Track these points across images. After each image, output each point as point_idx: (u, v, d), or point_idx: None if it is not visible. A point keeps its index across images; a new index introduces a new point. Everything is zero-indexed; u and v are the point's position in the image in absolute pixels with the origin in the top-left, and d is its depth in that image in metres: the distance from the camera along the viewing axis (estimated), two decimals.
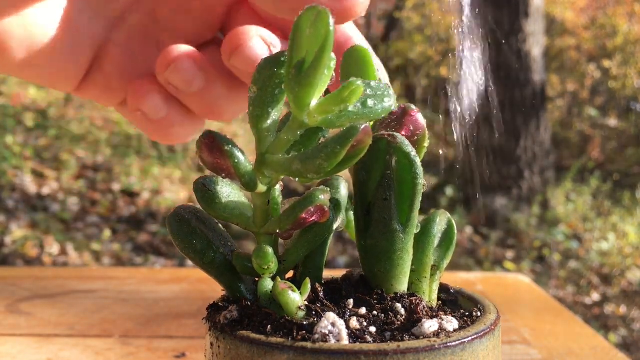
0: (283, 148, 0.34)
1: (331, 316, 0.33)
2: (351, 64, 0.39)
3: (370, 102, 0.33)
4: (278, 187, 0.37)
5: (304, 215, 0.34)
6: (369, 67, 0.38)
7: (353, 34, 0.44)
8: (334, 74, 0.33)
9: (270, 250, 0.35)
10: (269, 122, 0.35)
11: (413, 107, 0.38)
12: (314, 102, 0.32)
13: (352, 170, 0.37)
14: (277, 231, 0.36)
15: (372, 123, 0.39)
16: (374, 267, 0.37)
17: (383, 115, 0.34)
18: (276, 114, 0.35)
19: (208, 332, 0.36)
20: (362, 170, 0.36)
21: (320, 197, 0.34)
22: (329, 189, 0.35)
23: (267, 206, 0.36)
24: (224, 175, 0.35)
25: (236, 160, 0.34)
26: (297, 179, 0.34)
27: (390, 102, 0.34)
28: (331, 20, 0.30)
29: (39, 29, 0.39)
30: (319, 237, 0.37)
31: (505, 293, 0.89)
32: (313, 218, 0.35)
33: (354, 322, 0.34)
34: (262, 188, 0.35)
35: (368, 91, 0.34)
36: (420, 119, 0.38)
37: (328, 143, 0.31)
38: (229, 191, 0.36)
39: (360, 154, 0.32)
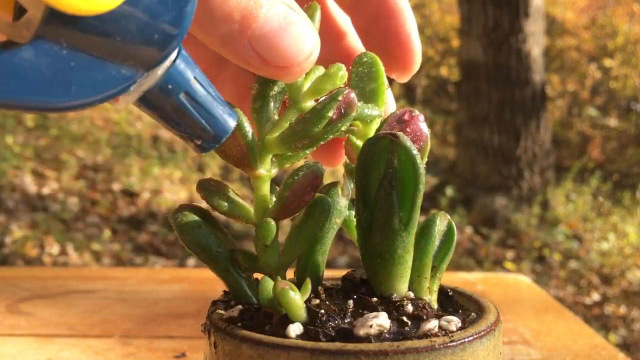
0: (280, 130, 0.36)
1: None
2: (361, 70, 0.39)
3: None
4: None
5: (301, 181, 0.35)
6: (379, 74, 0.39)
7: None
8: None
9: (272, 222, 0.35)
10: (268, 113, 0.36)
11: (417, 112, 0.39)
12: (307, 85, 0.36)
13: (355, 168, 0.38)
14: (276, 208, 0.36)
15: (376, 126, 0.40)
16: (375, 266, 0.37)
17: (368, 120, 0.39)
18: (275, 109, 0.37)
19: (208, 332, 0.36)
20: (364, 169, 0.36)
21: (312, 164, 0.36)
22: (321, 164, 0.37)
23: (267, 195, 0.37)
24: (224, 153, 0.36)
25: (244, 131, 0.35)
26: (295, 157, 0.37)
27: (378, 112, 0.39)
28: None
29: None
30: (318, 227, 0.37)
31: (505, 293, 0.89)
32: (310, 186, 0.36)
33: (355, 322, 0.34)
34: (262, 172, 0.36)
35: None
36: (424, 127, 0.38)
37: (316, 106, 0.34)
38: (231, 191, 0.37)
39: (349, 117, 0.34)
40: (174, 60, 0.28)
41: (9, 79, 0.23)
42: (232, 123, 0.31)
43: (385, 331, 0.33)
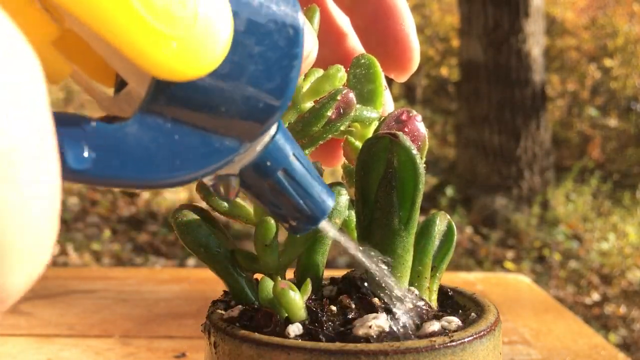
0: None
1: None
2: (359, 71, 0.39)
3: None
4: None
5: None
6: (377, 75, 0.39)
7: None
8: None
9: (272, 221, 0.35)
10: None
11: (415, 112, 0.39)
12: (306, 86, 0.36)
13: (355, 168, 0.38)
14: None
15: (374, 127, 0.40)
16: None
17: (367, 122, 0.39)
18: None
19: (208, 332, 0.36)
20: (364, 169, 0.37)
21: (311, 163, 0.36)
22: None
23: None
24: None
25: None
26: None
27: (377, 115, 0.39)
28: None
29: None
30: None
31: (505, 293, 0.89)
32: None
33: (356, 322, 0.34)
34: None
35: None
36: (422, 127, 0.38)
37: (315, 106, 0.35)
38: None
39: (348, 117, 0.35)
40: (274, 136, 0.26)
41: (113, 156, 0.22)
42: (330, 203, 0.29)
43: (385, 331, 0.33)
